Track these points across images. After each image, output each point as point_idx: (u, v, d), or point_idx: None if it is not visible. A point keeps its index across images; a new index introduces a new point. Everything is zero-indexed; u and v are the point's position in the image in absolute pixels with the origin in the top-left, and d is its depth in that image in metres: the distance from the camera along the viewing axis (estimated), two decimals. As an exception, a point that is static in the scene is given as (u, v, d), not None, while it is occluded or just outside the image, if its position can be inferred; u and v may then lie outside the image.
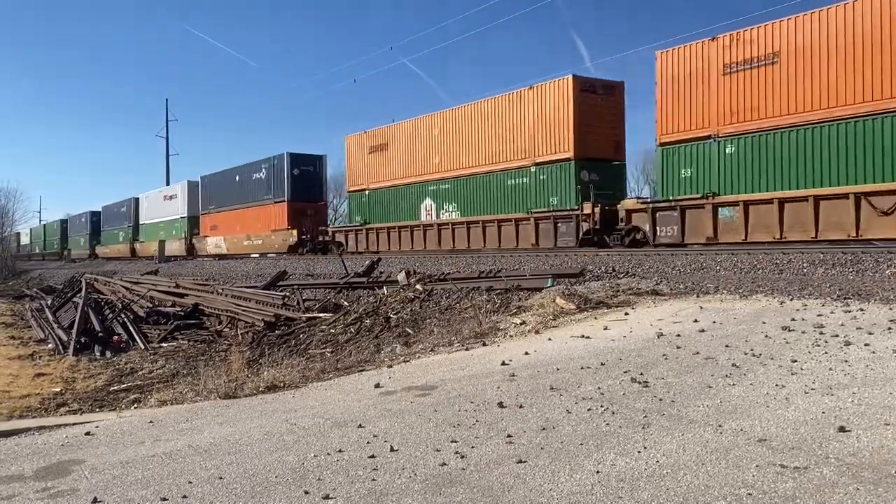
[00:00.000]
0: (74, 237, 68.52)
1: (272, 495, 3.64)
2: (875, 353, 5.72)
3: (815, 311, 7.67)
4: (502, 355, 7.07)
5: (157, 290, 20.50)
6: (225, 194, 40.54)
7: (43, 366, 12.64)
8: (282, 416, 5.54)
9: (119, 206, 56.15)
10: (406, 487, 3.62)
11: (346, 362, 8.65)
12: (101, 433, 5.47)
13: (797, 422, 4.21)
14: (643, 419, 4.50)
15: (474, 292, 12.37)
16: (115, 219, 57.03)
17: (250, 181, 37.52)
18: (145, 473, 4.21)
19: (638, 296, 10.13)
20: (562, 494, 3.38)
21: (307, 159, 35.05)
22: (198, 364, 11.63)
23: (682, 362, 5.98)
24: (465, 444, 4.27)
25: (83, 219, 65.55)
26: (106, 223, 59.31)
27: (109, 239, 57.71)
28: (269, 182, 35.52)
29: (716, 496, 3.22)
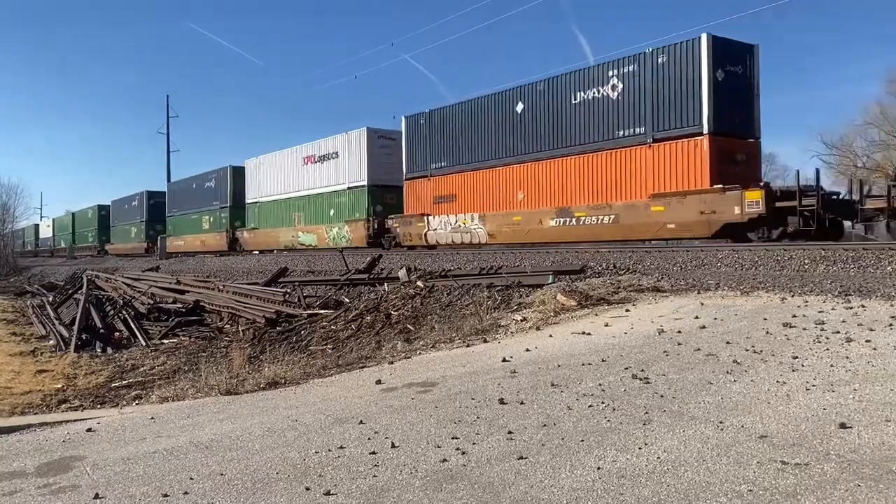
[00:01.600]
0: (121, 226, 56.49)
1: (273, 491, 3.65)
2: (876, 349, 5.71)
3: (816, 307, 7.66)
4: (503, 352, 7.07)
5: (159, 286, 20.51)
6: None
7: (44, 362, 12.66)
8: (283, 412, 5.54)
9: (205, 178, 42.94)
10: (407, 484, 3.62)
11: (348, 359, 8.66)
12: (102, 429, 5.48)
13: (798, 418, 4.21)
14: (644, 415, 4.50)
15: (475, 289, 12.37)
16: (188, 201, 45.12)
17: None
18: (147, 470, 4.22)
19: (639, 292, 10.12)
20: (562, 490, 3.38)
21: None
22: (199, 360, 11.64)
23: (683, 359, 5.97)
24: (466, 440, 4.27)
25: (134, 202, 52.97)
26: (175, 206, 47.22)
27: (184, 227, 45.07)
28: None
29: (716, 492, 3.22)
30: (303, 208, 32.86)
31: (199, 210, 42.70)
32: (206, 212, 41.89)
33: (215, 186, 40.83)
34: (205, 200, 42.28)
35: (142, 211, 51.84)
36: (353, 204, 29.46)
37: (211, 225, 41.18)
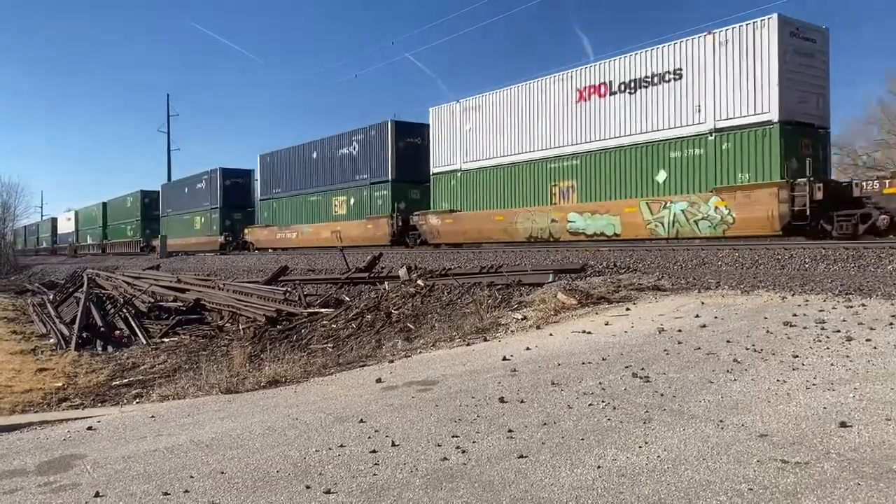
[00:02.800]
0: (178, 216, 45.81)
1: (274, 490, 3.65)
2: (876, 348, 5.71)
3: (816, 306, 7.66)
4: (503, 350, 7.07)
5: (159, 285, 20.51)
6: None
7: (45, 361, 12.68)
8: (283, 410, 5.55)
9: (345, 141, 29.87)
10: (407, 482, 3.62)
11: (348, 357, 8.66)
12: (102, 428, 5.49)
13: (798, 417, 4.21)
14: (644, 414, 4.50)
15: (475, 288, 12.37)
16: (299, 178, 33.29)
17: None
18: (147, 468, 4.22)
19: (639, 291, 10.12)
20: (563, 489, 3.38)
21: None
22: (199, 359, 11.64)
23: (684, 357, 5.97)
24: (467, 438, 4.27)
25: (200, 183, 42.61)
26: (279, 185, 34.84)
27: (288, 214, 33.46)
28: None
29: (717, 491, 3.22)
30: (576, 174, 19.54)
31: (329, 189, 30.28)
32: (336, 191, 29.61)
33: (358, 154, 28.41)
34: (331, 176, 30.19)
35: (214, 194, 40.61)
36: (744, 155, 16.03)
37: (351, 208, 28.64)
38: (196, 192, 43.92)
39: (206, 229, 41.98)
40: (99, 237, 60.10)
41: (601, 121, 18.89)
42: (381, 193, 27.13)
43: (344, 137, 29.59)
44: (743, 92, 15.88)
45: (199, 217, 43.04)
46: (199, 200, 43.07)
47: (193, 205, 43.85)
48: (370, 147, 27.77)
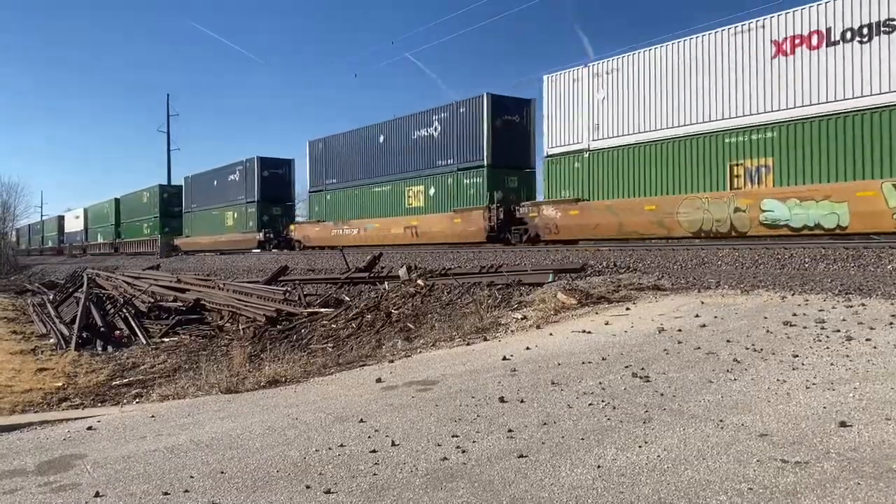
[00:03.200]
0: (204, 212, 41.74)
1: (274, 490, 3.65)
2: (876, 347, 5.71)
3: (816, 306, 7.66)
4: (503, 350, 7.07)
5: (159, 285, 20.51)
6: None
7: (45, 360, 12.68)
8: (283, 410, 5.55)
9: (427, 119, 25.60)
10: (407, 482, 3.62)
11: (348, 357, 8.66)
12: (102, 428, 5.49)
13: (798, 417, 4.21)
14: (644, 414, 4.50)
15: (475, 287, 12.37)
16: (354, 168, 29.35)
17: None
18: (147, 468, 4.22)
19: (639, 291, 10.12)
20: (563, 489, 3.38)
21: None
22: (199, 359, 11.65)
23: (684, 357, 5.97)
24: (467, 438, 4.27)
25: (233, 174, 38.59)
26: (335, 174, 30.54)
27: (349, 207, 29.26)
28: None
29: (717, 491, 3.22)
30: (772, 149, 15.35)
31: (400, 178, 26.24)
32: (411, 179, 25.68)
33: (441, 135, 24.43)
34: (403, 162, 26.16)
35: (250, 186, 36.77)
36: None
37: (430, 200, 24.60)
38: (228, 185, 39.07)
39: (239, 225, 37.58)
40: (111, 236, 55.84)
41: (812, 79, 14.64)
42: (472, 181, 22.86)
43: (421, 117, 25.30)
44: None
45: (232, 212, 38.52)
46: (231, 193, 38.48)
47: (225, 199, 39.21)
48: (458, 127, 23.56)
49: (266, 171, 36.50)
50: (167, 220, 47.11)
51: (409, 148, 26.08)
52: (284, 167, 37.42)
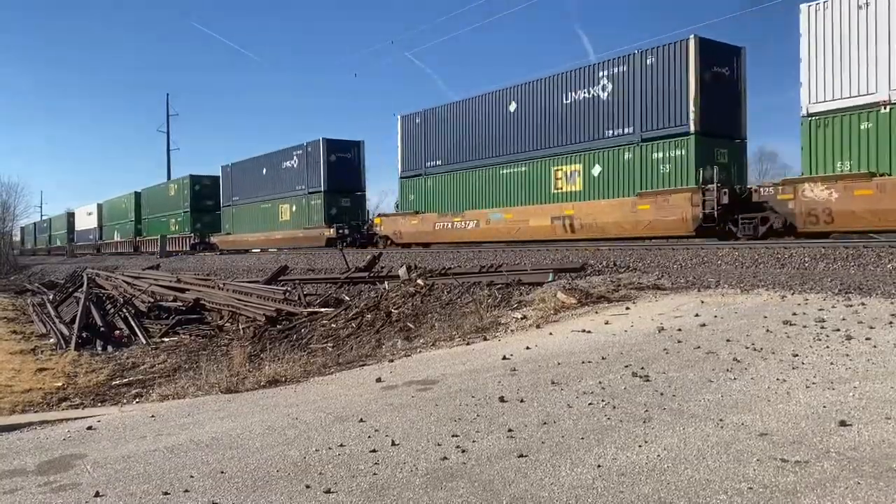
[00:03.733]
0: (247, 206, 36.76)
1: (274, 489, 3.65)
2: (876, 347, 5.71)
3: (816, 305, 7.66)
4: (503, 350, 7.07)
5: (159, 284, 20.51)
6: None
7: (45, 360, 12.67)
8: (283, 410, 5.55)
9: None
10: (407, 481, 3.62)
11: (348, 357, 8.66)
12: (102, 427, 5.49)
13: (798, 416, 4.21)
14: (644, 413, 4.50)
15: (475, 287, 12.37)
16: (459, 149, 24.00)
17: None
18: (147, 468, 4.22)
19: (639, 290, 10.12)
20: (563, 488, 3.38)
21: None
22: (199, 359, 11.65)
23: (684, 357, 5.97)
24: (467, 438, 4.27)
25: (290, 160, 32.95)
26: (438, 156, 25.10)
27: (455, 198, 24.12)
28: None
29: (717, 490, 3.22)
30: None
31: (546, 154, 20.61)
32: (562, 156, 20.08)
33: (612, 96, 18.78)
34: (545, 137, 20.64)
35: (314, 174, 30.96)
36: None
37: (593, 182, 19.22)
38: (283, 173, 33.03)
39: (300, 220, 31.60)
40: (130, 233, 50.44)
41: None
42: (668, 155, 17.48)
43: (580, 75, 19.55)
44: None
45: (289, 205, 32.56)
46: (287, 183, 32.55)
47: (278, 189, 33.32)
48: (643, 84, 18.00)
49: (333, 154, 30.34)
50: (199, 215, 41.74)
51: (559, 116, 20.10)
52: (354, 150, 31.42)
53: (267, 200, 34.83)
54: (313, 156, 31.00)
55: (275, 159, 34.21)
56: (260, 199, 35.59)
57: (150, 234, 46.98)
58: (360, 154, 31.65)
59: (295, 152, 32.47)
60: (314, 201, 31.12)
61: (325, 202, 30.32)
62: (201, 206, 42.13)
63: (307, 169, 31.50)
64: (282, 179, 33.55)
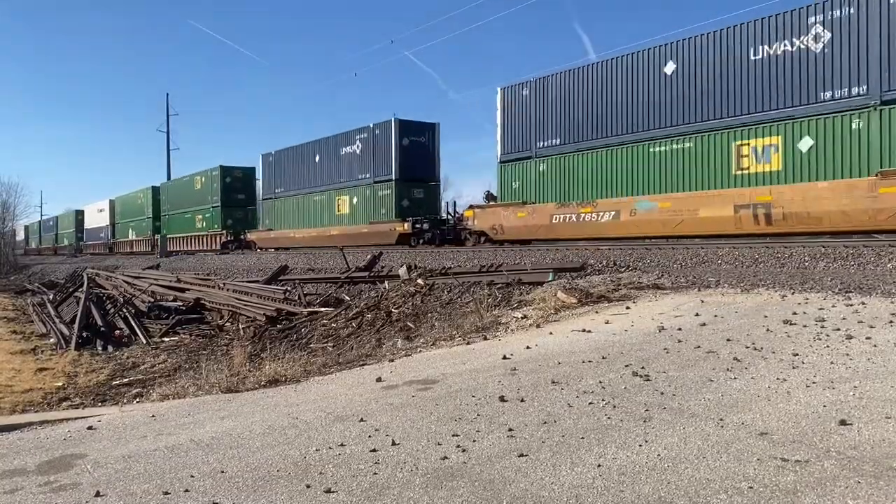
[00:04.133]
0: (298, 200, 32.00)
1: (274, 489, 3.65)
2: (877, 346, 5.71)
3: (816, 304, 7.66)
4: (504, 349, 7.07)
5: (159, 284, 20.52)
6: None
7: (45, 360, 12.68)
8: (283, 409, 5.55)
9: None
10: (408, 481, 3.62)
11: (348, 356, 8.67)
12: (103, 427, 5.49)
13: (798, 415, 4.21)
14: (645, 413, 4.50)
15: (475, 286, 12.37)
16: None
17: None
18: (147, 467, 4.22)
19: (639, 290, 10.12)
20: (563, 488, 3.38)
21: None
22: (199, 358, 11.65)
23: (684, 356, 5.98)
24: (467, 437, 4.27)
25: (356, 144, 28.31)
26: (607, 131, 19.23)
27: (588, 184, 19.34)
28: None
29: (717, 489, 3.22)
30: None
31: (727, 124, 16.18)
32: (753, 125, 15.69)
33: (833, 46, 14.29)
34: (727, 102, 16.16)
35: (381, 160, 26.88)
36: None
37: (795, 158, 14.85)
38: (343, 160, 28.76)
39: (363, 214, 27.56)
40: (147, 231, 46.62)
41: None
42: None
43: (789, 18, 15.16)
44: None
45: (349, 196, 28.34)
46: (348, 171, 28.40)
47: (336, 178, 29.12)
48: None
49: (406, 138, 26.24)
50: (230, 210, 37.60)
51: (744, 76, 15.83)
52: (428, 133, 27.12)
53: (320, 192, 30.22)
54: (382, 139, 26.74)
55: (331, 145, 29.61)
56: (311, 191, 30.90)
57: (172, 231, 43.12)
58: (434, 138, 27.29)
59: (358, 136, 28.04)
60: (382, 192, 26.67)
61: (396, 193, 25.96)
62: (232, 200, 37.78)
63: (373, 155, 27.26)
64: (341, 167, 28.99)
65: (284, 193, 33.12)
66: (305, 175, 31.58)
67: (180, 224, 42.41)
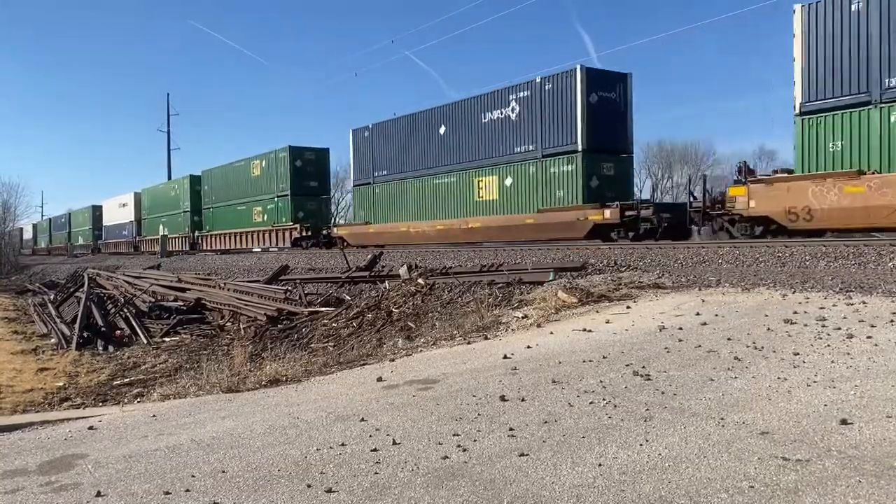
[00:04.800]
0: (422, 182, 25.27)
1: (275, 489, 3.65)
2: (877, 345, 5.71)
3: (817, 303, 7.66)
4: (504, 349, 7.07)
5: (160, 284, 20.53)
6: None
7: (46, 360, 12.69)
8: (284, 409, 5.55)
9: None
10: (408, 481, 3.62)
11: (349, 356, 8.67)
12: (104, 427, 5.49)
13: (799, 414, 4.21)
14: (645, 412, 4.50)
15: (476, 286, 12.37)
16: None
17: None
18: (148, 467, 4.22)
19: (640, 289, 10.12)
20: (564, 487, 3.38)
21: None
22: (200, 358, 11.66)
23: (685, 355, 5.97)
24: (468, 437, 4.27)
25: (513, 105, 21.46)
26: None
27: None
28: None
29: (718, 489, 3.22)
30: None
31: None
32: None
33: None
34: None
35: (550, 127, 20.46)
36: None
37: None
38: (486, 130, 22.22)
39: (523, 198, 21.13)
40: (183, 227, 40.62)
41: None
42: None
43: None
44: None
45: (500, 176, 21.79)
46: (495, 144, 21.96)
47: (470, 155, 22.86)
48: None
49: (595, 93, 19.68)
50: (301, 200, 31.54)
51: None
52: (619, 88, 20.34)
53: (448, 173, 23.73)
54: (557, 97, 20.12)
55: (467, 111, 23.14)
56: (431, 172, 24.42)
57: (218, 227, 36.36)
58: (627, 94, 20.57)
59: (514, 95, 21.46)
60: (558, 168, 20.03)
61: (584, 169, 19.36)
62: (304, 187, 31.45)
63: (542, 118, 20.51)
64: (484, 139, 22.54)
65: (388, 177, 26.49)
66: (421, 153, 24.89)
67: (231, 218, 35.90)
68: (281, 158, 32.07)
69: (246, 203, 34.84)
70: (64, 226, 69.22)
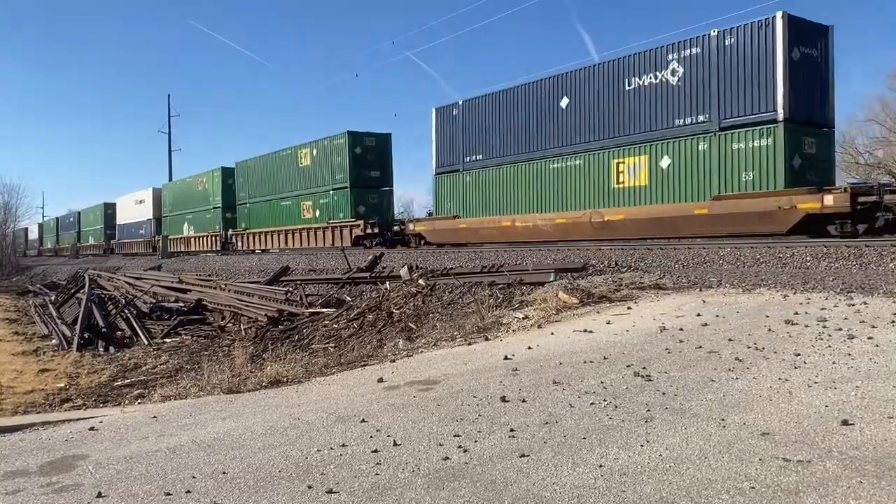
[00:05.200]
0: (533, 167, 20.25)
1: (276, 490, 3.65)
2: (879, 346, 5.70)
3: (818, 304, 7.65)
4: (505, 350, 7.07)
5: (161, 285, 20.54)
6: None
7: (47, 361, 12.69)
8: (285, 410, 5.55)
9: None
10: (409, 481, 3.62)
11: (349, 357, 8.67)
12: (104, 428, 5.49)
13: (800, 415, 4.20)
14: (646, 413, 4.49)
15: (477, 287, 12.37)
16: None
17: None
18: (149, 468, 4.22)
19: (641, 290, 10.11)
20: (564, 488, 3.38)
21: None
22: (201, 359, 11.66)
23: (685, 356, 5.97)
24: (468, 438, 4.27)
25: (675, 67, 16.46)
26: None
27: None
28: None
29: (718, 490, 3.22)
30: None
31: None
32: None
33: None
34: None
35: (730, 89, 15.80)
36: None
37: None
38: (630, 98, 18.02)
39: (689, 183, 16.75)
40: (214, 225, 36.36)
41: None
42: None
43: None
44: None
45: (653, 157, 17.41)
46: (644, 117, 17.68)
47: (603, 132, 18.71)
48: None
49: (797, 48, 15.51)
50: (361, 193, 27.26)
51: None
52: (821, 44, 16.30)
53: (572, 154, 19.46)
54: (746, 53, 15.83)
55: (605, 78, 18.75)
56: (547, 154, 20.18)
57: (256, 224, 32.18)
58: (827, 50, 16.60)
59: (674, 56, 17.16)
60: (757, 141, 15.61)
61: (787, 145, 15.17)
62: (364, 178, 27.31)
63: (719, 82, 16.24)
64: (627, 112, 18.20)
65: (484, 162, 22.39)
66: (533, 132, 20.72)
67: (274, 215, 31.56)
68: (337, 146, 27.73)
69: (292, 197, 30.53)
70: (72, 225, 65.48)
